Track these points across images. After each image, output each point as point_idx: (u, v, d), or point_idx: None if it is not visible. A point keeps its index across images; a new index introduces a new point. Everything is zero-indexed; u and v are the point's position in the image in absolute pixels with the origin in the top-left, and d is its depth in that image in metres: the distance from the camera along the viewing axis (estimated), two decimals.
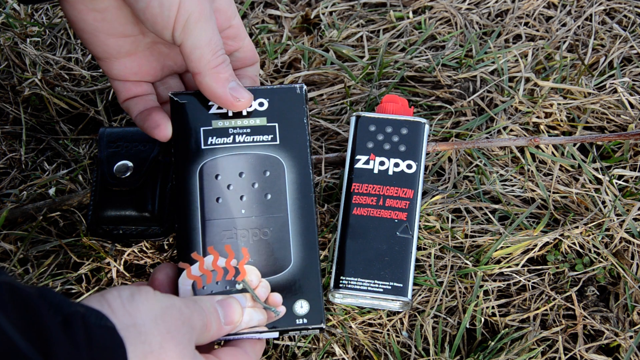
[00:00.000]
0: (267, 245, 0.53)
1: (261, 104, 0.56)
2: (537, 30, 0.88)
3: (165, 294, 0.46)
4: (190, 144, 0.55)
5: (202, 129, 0.55)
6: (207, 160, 0.54)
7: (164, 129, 0.55)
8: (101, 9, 0.51)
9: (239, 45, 0.58)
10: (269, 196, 0.54)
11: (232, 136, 0.55)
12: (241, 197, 0.54)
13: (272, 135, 0.55)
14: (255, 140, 0.55)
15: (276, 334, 0.51)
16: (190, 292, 0.50)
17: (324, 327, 0.52)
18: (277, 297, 0.52)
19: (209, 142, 0.55)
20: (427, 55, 0.84)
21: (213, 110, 0.56)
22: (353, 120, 0.70)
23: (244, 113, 0.56)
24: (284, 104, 0.56)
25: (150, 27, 0.51)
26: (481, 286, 0.67)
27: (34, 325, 0.36)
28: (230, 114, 0.56)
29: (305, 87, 0.57)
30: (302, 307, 0.52)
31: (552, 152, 0.77)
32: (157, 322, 0.42)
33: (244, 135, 0.55)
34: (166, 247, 0.69)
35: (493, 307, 0.67)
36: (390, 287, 0.63)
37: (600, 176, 0.74)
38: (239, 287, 0.51)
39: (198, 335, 0.46)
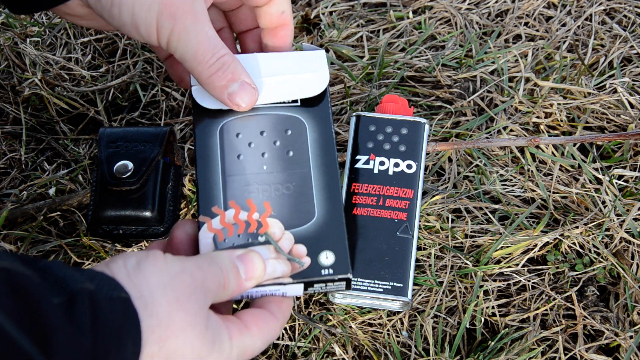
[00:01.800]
0: (290, 199, 0.52)
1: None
2: (537, 30, 0.88)
3: (177, 256, 0.43)
4: (211, 104, 0.53)
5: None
6: (229, 120, 0.53)
7: (187, 81, 0.55)
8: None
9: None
10: (291, 153, 0.53)
11: None
12: (262, 154, 0.53)
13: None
14: (276, 102, 0.55)
15: (301, 287, 0.49)
16: (211, 245, 0.49)
17: (351, 277, 0.51)
18: (301, 248, 0.50)
19: None
20: (427, 55, 0.84)
21: None
22: (353, 120, 0.70)
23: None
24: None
25: (135, 39, 0.50)
26: (481, 286, 0.67)
27: (32, 314, 0.34)
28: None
29: (325, 52, 0.57)
30: (327, 257, 0.50)
31: (552, 152, 0.77)
32: (165, 291, 0.40)
33: None
34: None
35: (493, 307, 0.67)
36: (390, 287, 0.63)
37: (600, 176, 0.74)
38: (261, 239, 0.49)
39: (214, 296, 0.43)
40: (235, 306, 0.64)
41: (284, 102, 0.55)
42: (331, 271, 0.50)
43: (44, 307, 0.34)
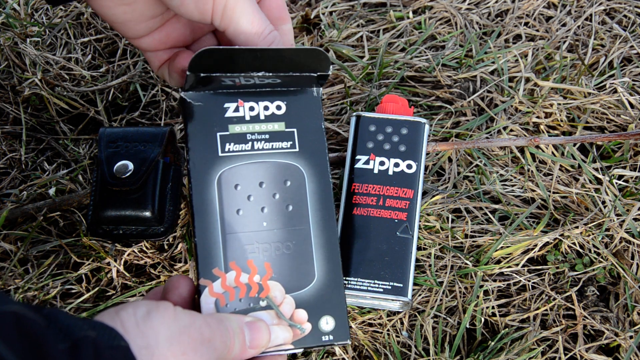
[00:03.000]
0: (290, 259, 0.51)
1: (279, 107, 0.54)
2: (537, 30, 0.88)
3: (188, 310, 0.43)
4: (206, 151, 0.51)
5: (218, 134, 0.52)
6: (226, 169, 0.51)
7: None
8: (130, 2, 0.51)
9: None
10: (291, 207, 0.52)
11: (250, 142, 0.52)
12: (262, 209, 0.51)
13: (291, 142, 0.53)
14: (274, 147, 0.53)
15: (300, 351, 0.50)
16: (214, 311, 0.48)
17: (349, 342, 0.51)
18: (302, 314, 0.50)
19: (226, 149, 0.52)
20: (427, 55, 0.84)
21: (229, 114, 0.53)
22: (353, 120, 0.70)
23: (261, 117, 0.53)
24: (302, 108, 0.54)
25: (188, 18, 0.50)
26: (481, 286, 0.67)
27: (40, 357, 0.34)
28: (247, 117, 0.53)
29: (321, 89, 0.55)
30: (327, 323, 0.50)
31: (552, 152, 0.77)
32: (172, 343, 0.40)
33: (263, 142, 0.53)
34: (166, 247, 0.69)
35: (493, 307, 0.67)
36: (390, 287, 0.63)
37: (600, 176, 0.74)
38: (263, 304, 0.49)
39: (218, 357, 0.43)
40: None
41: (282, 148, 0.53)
42: (331, 337, 0.50)
43: (51, 351, 0.35)
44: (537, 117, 0.79)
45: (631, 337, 0.65)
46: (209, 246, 0.50)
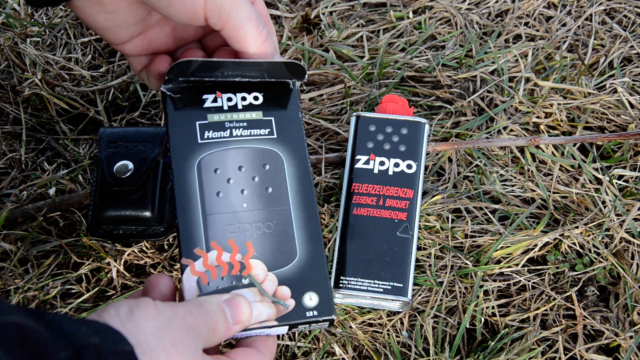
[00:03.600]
0: (272, 238, 0.52)
1: (256, 98, 0.56)
2: (537, 30, 0.88)
3: (168, 302, 0.44)
4: (186, 139, 0.54)
5: (197, 122, 0.54)
6: (205, 154, 0.53)
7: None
8: (112, 11, 0.51)
9: None
10: (270, 189, 0.53)
11: (228, 130, 0.54)
12: (242, 191, 0.53)
13: (269, 129, 0.55)
14: (252, 134, 0.54)
15: (286, 328, 0.50)
16: (196, 289, 0.49)
17: (334, 318, 0.51)
18: (285, 290, 0.50)
19: (205, 136, 0.54)
20: (427, 55, 0.84)
21: (207, 104, 0.55)
22: (353, 120, 0.70)
23: (239, 107, 0.55)
24: (279, 99, 0.56)
25: (176, 20, 0.50)
26: (481, 286, 0.67)
27: None
28: (225, 107, 0.55)
29: (297, 83, 0.57)
30: (311, 299, 0.51)
31: (552, 152, 0.77)
32: (160, 337, 0.41)
33: (241, 129, 0.54)
34: (166, 247, 0.69)
35: (493, 307, 0.67)
36: (390, 287, 0.63)
37: (600, 176, 0.74)
38: (245, 281, 0.50)
39: (205, 341, 0.44)
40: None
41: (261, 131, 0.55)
42: (315, 313, 0.50)
43: None
44: (537, 117, 0.79)
45: (631, 337, 0.65)
46: (190, 227, 0.51)
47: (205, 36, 0.58)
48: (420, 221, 0.69)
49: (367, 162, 0.68)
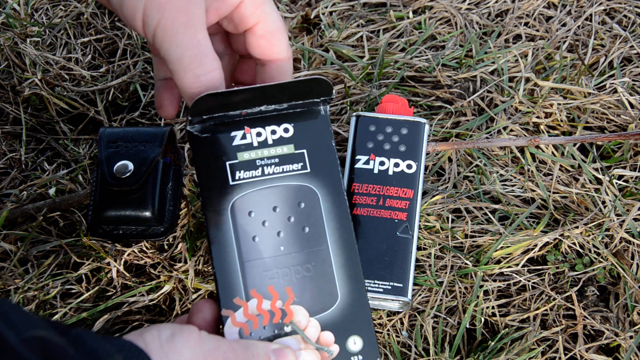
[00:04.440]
0: (312, 281, 0.50)
1: (286, 130, 0.53)
2: (537, 30, 0.88)
3: (213, 335, 0.43)
4: (217, 181, 0.51)
5: (227, 163, 0.51)
6: (238, 197, 0.51)
7: (165, 110, 0.53)
8: None
9: (249, 27, 0.50)
10: (307, 229, 0.51)
11: (260, 168, 0.52)
12: (278, 233, 0.51)
13: (301, 163, 0.52)
14: (285, 170, 0.52)
15: None
16: None
17: None
18: (328, 336, 0.49)
19: (237, 177, 0.51)
20: (427, 55, 0.84)
21: (237, 142, 0.52)
22: (353, 120, 0.70)
23: (269, 142, 0.52)
24: (310, 128, 0.53)
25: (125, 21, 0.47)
26: (481, 286, 0.67)
27: None
28: (255, 143, 0.52)
29: (328, 107, 0.54)
30: (355, 343, 0.49)
31: (552, 152, 0.77)
32: None
33: (273, 166, 0.52)
34: (166, 247, 0.69)
35: (493, 307, 0.67)
36: (390, 287, 0.63)
37: (600, 176, 0.74)
38: (287, 329, 0.48)
39: None
40: None
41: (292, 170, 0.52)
42: (361, 357, 0.49)
43: None
44: (537, 117, 0.79)
45: (631, 337, 0.65)
46: (228, 276, 0.49)
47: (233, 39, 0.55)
48: (420, 221, 0.69)
49: (367, 162, 0.68)
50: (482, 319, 0.66)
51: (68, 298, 0.66)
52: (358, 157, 0.68)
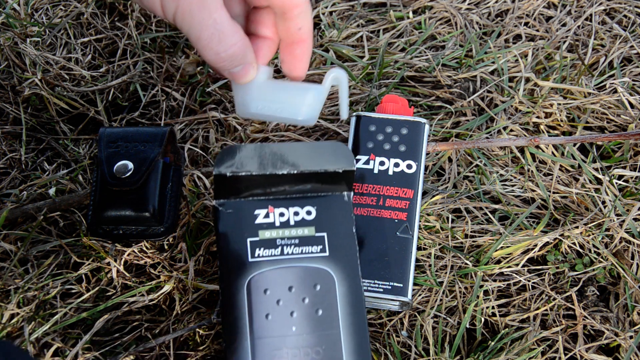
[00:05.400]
0: None
1: (309, 212, 0.54)
2: (537, 30, 0.88)
3: None
4: (236, 257, 0.52)
5: (248, 240, 0.52)
6: (255, 274, 0.51)
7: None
8: None
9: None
10: (320, 312, 0.51)
11: (280, 247, 0.52)
12: (291, 314, 0.51)
13: (321, 246, 0.53)
14: (304, 251, 0.53)
15: None
16: None
17: None
18: None
19: (256, 254, 0.52)
20: (427, 55, 0.84)
21: (259, 220, 0.53)
22: (353, 120, 0.70)
23: (291, 223, 0.53)
24: (332, 212, 0.54)
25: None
26: (481, 286, 0.67)
27: None
28: (277, 223, 0.53)
29: (352, 194, 0.55)
30: None
31: (552, 152, 0.77)
32: None
33: (293, 247, 0.53)
34: (166, 247, 0.69)
35: (493, 307, 0.67)
36: (390, 287, 0.63)
37: (600, 176, 0.74)
38: None
39: None
40: None
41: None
42: None
43: None
44: (537, 117, 0.79)
45: (631, 337, 0.65)
46: (239, 352, 0.49)
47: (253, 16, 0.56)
48: (420, 221, 0.69)
49: (367, 162, 0.68)
50: (482, 319, 0.66)
51: (68, 298, 0.66)
52: (358, 157, 0.68)
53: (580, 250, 0.70)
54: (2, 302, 0.64)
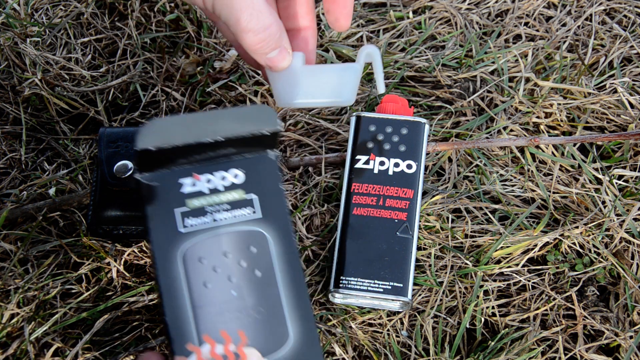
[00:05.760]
0: (263, 323, 0.51)
1: (236, 176, 0.53)
2: (537, 30, 0.88)
3: None
4: (167, 230, 0.51)
5: (177, 211, 0.52)
6: (188, 245, 0.51)
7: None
8: None
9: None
10: (258, 273, 0.51)
11: (210, 215, 0.52)
12: (229, 278, 0.51)
13: (252, 208, 0.53)
14: (235, 216, 0.52)
15: None
16: None
17: None
18: None
19: (186, 225, 0.52)
20: (427, 55, 0.84)
21: (186, 189, 0.52)
22: (353, 120, 0.70)
23: (220, 188, 0.53)
24: (260, 173, 0.54)
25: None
26: (481, 286, 0.67)
27: None
28: (205, 190, 0.53)
29: (278, 152, 0.55)
30: None
31: (552, 152, 0.77)
32: None
33: (223, 212, 0.52)
34: None
35: (493, 307, 0.67)
36: (390, 287, 0.63)
37: (600, 176, 0.74)
38: None
39: None
40: None
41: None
42: None
43: None
44: (537, 117, 0.79)
45: (631, 337, 0.65)
46: (180, 322, 0.49)
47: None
48: (420, 221, 0.69)
49: (367, 162, 0.68)
50: (482, 319, 0.66)
51: (68, 298, 0.66)
52: (358, 157, 0.68)
53: (580, 250, 0.70)
54: (2, 302, 0.64)
